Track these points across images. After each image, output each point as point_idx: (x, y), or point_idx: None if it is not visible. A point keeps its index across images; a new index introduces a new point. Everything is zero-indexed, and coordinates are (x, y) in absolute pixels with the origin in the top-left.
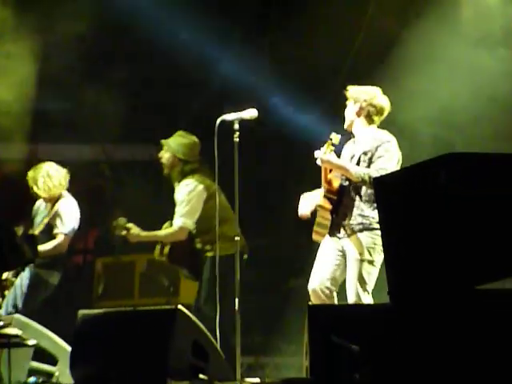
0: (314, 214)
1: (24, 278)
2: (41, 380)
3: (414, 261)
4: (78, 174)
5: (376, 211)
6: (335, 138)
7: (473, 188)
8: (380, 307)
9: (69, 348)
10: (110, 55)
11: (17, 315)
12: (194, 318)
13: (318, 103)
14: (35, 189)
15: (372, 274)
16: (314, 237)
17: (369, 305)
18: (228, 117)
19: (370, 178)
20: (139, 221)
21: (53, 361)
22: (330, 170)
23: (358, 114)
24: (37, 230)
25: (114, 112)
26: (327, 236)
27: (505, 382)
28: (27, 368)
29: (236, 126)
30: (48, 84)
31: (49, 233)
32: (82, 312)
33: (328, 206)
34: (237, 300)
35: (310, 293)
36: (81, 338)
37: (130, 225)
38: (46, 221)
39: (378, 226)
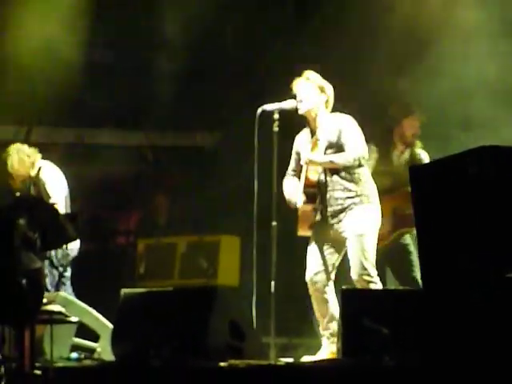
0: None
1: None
2: (83, 356)
3: (446, 248)
4: (122, 159)
5: (360, 185)
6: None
7: (504, 180)
8: (412, 292)
9: (111, 325)
10: (157, 44)
11: (61, 293)
12: (231, 298)
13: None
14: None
15: (373, 245)
16: (300, 232)
17: (400, 289)
18: (268, 107)
19: (358, 158)
20: (180, 205)
21: (95, 338)
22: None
23: (325, 105)
24: None
25: (159, 99)
26: (314, 228)
27: None
28: (70, 344)
29: (276, 116)
30: (94, 71)
31: None
32: (124, 291)
33: (308, 200)
34: (273, 283)
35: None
36: (123, 315)
37: None
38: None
39: (366, 199)
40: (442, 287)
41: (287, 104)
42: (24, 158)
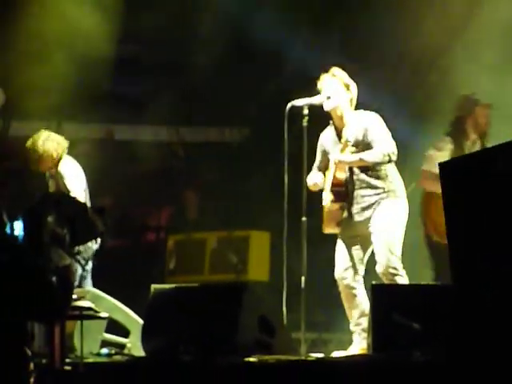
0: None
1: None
2: (113, 352)
3: (476, 243)
4: (152, 155)
5: (387, 181)
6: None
7: None
8: (442, 287)
9: (141, 321)
10: (185, 40)
11: (91, 288)
12: (261, 293)
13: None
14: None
15: (400, 239)
16: (327, 230)
17: (430, 284)
18: (298, 102)
19: (388, 154)
20: (210, 200)
21: (125, 333)
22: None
23: (350, 103)
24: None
25: (189, 95)
26: (341, 225)
27: None
28: (100, 340)
29: (305, 111)
30: (125, 66)
31: None
32: (154, 286)
33: (336, 198)
34: (303, 278)
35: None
36: (153, 311)
37: None
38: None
39: (393, 194)
40: (471, 282)
41: (316, 99)
42: (54, 146)
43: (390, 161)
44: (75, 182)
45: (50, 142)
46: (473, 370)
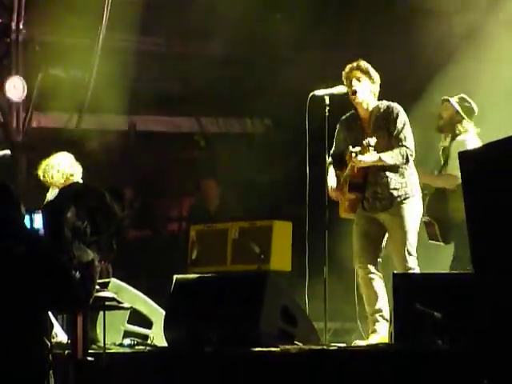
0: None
1: None
2: (136, 342)
3: (496, 232)
4: (174, 146)
5: (405, 176)
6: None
7: None
8: (463, 276)
9: (163, 312)
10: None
11: (113, 279)
12: (283, 283)
13: None
14: (49, 178)
15: (416, 237)
16: (344, 214)
17: (452, 273)
18: (318, 92)
19: (407, 156)
20: (232, 191)
21: (148, 324)
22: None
23: (374, 94)
24: None
25: (210, 86)
26: (358, 217)
27: None
28: (123, 330)
29: (326, 101)
30: (145, 58)
31: None
32: (177, 277)
33: (353, 189)
34: (325, 268)
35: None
36: (175, 301)
37: None
38: None
39: (410, 191)
40: (493, 270)
41: (337, 89)
42: (62, 175)
43: (407, 162)
44: None
45: (57, 173)
46: (496, 357)
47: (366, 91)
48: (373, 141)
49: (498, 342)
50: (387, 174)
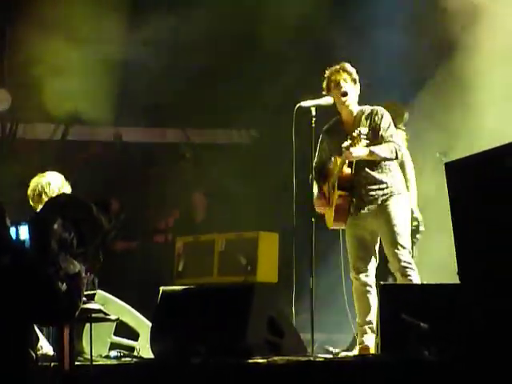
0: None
1: None
2: (122, 354)
3: (482, 242)
4: (160, 157)
5: (390, 175)
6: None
7: None
8: (449, 286)
9: (149, 323)
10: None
11: (99, 291)
12: (270, 294)
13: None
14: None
15: (408, 233)
16: (334, 225)
17: (438, 284)
18: (305, 103)
19: (396, 150)
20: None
21: (134, 336)
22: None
23: (356, 97)
24: None
25: (197, 97)
26: (349, 222)
27: None
28: (109, 342)
29: (313, 112)
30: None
31: None
32: (163, 289)
33: (344, 193)
34: (312, 279)
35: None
36: (162, 313)
37: None
38: None
39: (396, 190)
40: (479, 280)
41: (324, 100)
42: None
43: (396, 157)
44: None
45: (46, 197)
46: (480, 367)
47: (353, 93)
48: (364, 130)
49: (483, 353)
50: (372, 173)
